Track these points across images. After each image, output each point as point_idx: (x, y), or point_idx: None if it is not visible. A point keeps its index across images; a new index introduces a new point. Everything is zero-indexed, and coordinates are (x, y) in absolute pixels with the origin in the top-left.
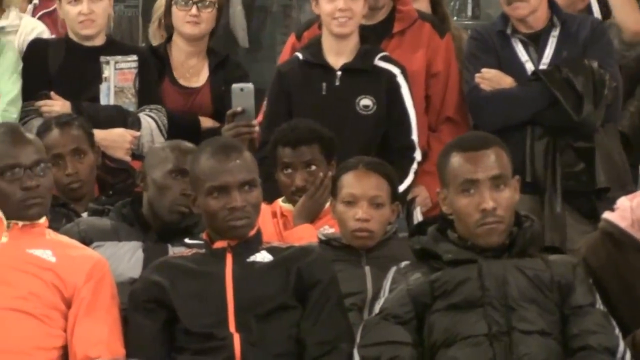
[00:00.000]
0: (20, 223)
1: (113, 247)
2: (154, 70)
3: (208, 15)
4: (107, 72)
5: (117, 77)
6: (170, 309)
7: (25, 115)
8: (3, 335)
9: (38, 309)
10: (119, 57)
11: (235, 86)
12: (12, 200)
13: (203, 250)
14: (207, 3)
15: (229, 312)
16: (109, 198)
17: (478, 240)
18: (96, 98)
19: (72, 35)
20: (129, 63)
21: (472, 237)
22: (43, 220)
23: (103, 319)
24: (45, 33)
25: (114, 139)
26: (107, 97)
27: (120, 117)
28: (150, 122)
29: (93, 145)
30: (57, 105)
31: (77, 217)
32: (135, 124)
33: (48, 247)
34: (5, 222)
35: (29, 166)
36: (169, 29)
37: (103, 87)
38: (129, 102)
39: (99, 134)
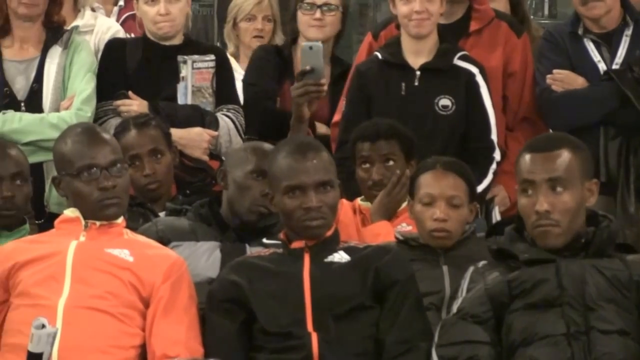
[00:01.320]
0: (98, 223)
1: (191, 247)
2: (232, 69)
3: (332, 19)
4: (185, 71)
5: (195, 77)
6: (248, 309)
7: (104, 114)
8: (81, 334)
9: (116, 308)
10: (196, 57)
11: (305, 44)
12: (89, 201)
13: (281, 250)
14: (332, 7)
15: (306, 311)
16: (187, 198)
17: (537, 241)
18: (174, 97)
19: (149, 35)
20: (207, 62)
21: (534, 237)
22: (121, 220)
23: (181, 318)
24: (121, 33)
25: (192, 138)
26: (184, 96)
27: (197, 117)
28: (227, 122)
29: (170, 145)
30: (134, 104)
31: (155, 216)
32: (213, 124)
33: (126, 247)
34: (83, 221)
35: (106, 166)
36: (293, 32)
37: (180, 86)
38: (206, 102)
39: (176, 133)
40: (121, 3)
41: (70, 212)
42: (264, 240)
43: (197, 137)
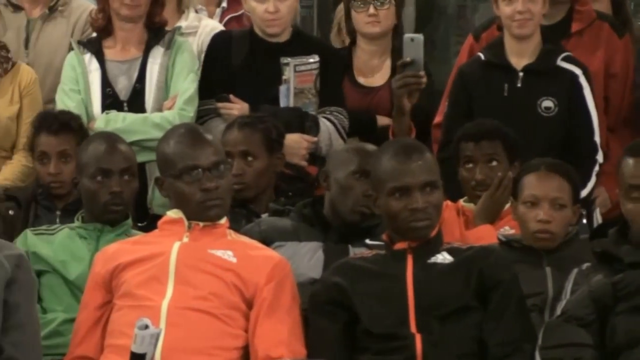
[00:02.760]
0: (201, 224)
1: (294, 248)
2: (339, 70)
3: (386, 13)
4: (287, 73)
5: (297, 79)
6: (351, 310)
7: (205, 113)
8: (184, 335)
9: (219, 309)
10: (298, 60)
11: (406, 36)
12: (192, 202)
13: (383, 252)
14: (384, 0)
15: (410, 312)
16: (289, 199)
17: None
18: (276, 98)
19: (257, 30)
20: (309, 65)
21: None
22: (224, 220)
23: (284, 319)
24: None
25: (290, 145)
26: (286, 98)
27: (298, 121)
28: (329, 125)
29: (272, 151)
30: (235, 108)
31: (257, 217)
32: (313, 128)
33: (229, 248)
34: (186, 222)
35: (208, 167)
36: (351, 33)
37: (282, 88)
38: (309, 103)
39: None
40: (224, 4)
41: (174, 214)
42: (367, 241)
43: (295, 144)
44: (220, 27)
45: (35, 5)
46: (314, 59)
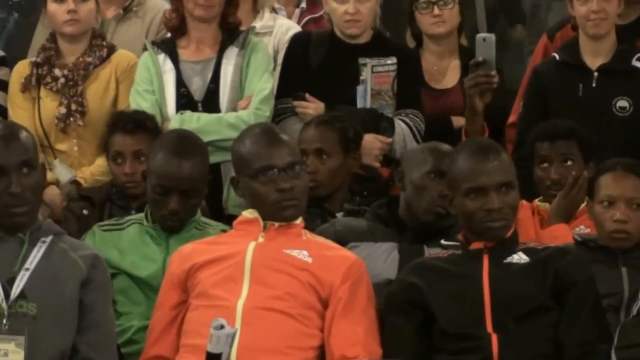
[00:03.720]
0: (277, 224)
1: (369, 248)
2: (417, 72)
3: (450, 12)
4: (365, 74)
5: (374, 80)
6: (426, 310)
7: (282, 112)
8: (260, 335)
9: (294, 309)
10: (375, 61)
11: (479, 36)
12: (267, 202)
13: (459, 252)
14: (447, 0)
15: (486, 312)
16: (364, 199)
17: None
18: (353, 98)
19: (337, 32)
20: (387, 66)
21: None
22: (299, 220)
23: (360, 319)
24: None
25: (364, 146)
26: (363, 99)
27: (373, 122)
28: (404, 127)
29: (348, 151)
30: (311, 107)
31: (332, 217)
32: (388, 130)
33: (304, 248)
34: (261, 222)
35: (284, 168)
36: (416, 36)
37: (360, 89)
38: (385, 104)
39: None
40: (303, 5)
41: (249, 214)
42: (442, 242)
43: (369, 145)
44: (296, 27)
45: (110, 5)
46: (392, 60)
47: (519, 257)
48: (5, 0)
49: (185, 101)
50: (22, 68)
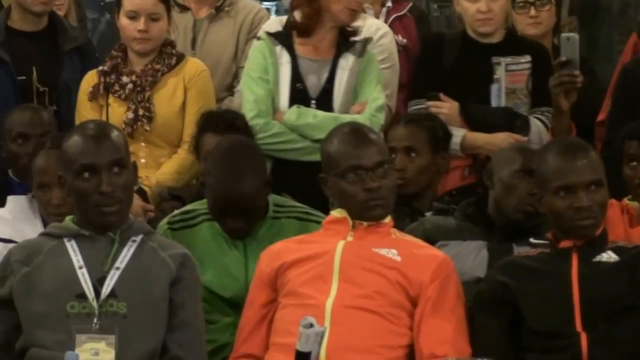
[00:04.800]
0: (366, 223)
1: (458, 246)
2: (550, 70)
3: (547, 14)
4: (499, 73)
5: (508, 79)
6: (515, 309)
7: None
8: (349, 334)
9: (384, 308)
10: (509, 59)
11: (563, 35)
12: (355, 201)
13: (548, 250)
14: (544, 1)
15: (575, 311)
16: (453, 197)
17: None
18: (487, 98)
19: (469, 31)
20: (521, 64)
21: None
22: (388, 219)
23: (449, 318)
24: (390, 34)
25: (499, 144)
26: (497, 98)
27: (507, 121)
28: (539, 125)
29: (436, 149)
30: (445, 106)
31: (421, 216)
32: (524, 128)
33: (393, 246)
34: (350, 221)
35: (371, 167)
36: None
37: (494, 87)
38: (520, 103)
39: (482, 137)
40: (389, 4)
41: (338, 213)
42: (531, 240)
43: (504, 143)
44: (384, 27)
45: (202, 5)
46: (526, 59)
47: (609, 256)
48: (97, 1)
49: (299, 96)
50: (90, 78)
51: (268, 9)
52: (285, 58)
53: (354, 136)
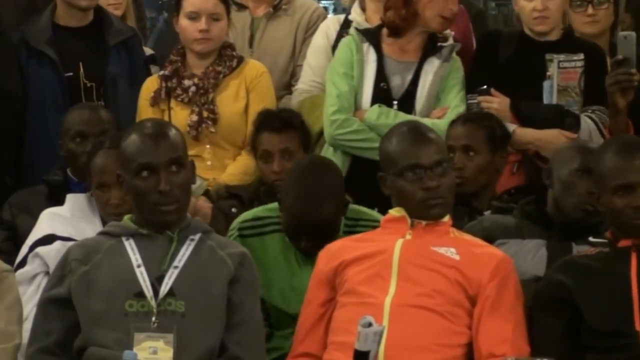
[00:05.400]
0: (424, 222)
1: (517, 245)
2: (604, 70)
3: (605, 12)
4: (551, 70)
5: (561, 76)
6: (574, 308)
7: (468, 108)
8: (408, 332)
9: (442, 307)
10: (562, 56)
11: (620, 34)
12: (414, 200)
13: (607, 249)
14: (602, 0)
15: (634, 310)
16: (512, 196)
17: None
18: (539, 95)
19: (526, 30)
20: (574, 62)
21: None
22: (447, 218)
23: (508, 317)
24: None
25: (548, 140)
26: (549, 95)
27: (558, 118)
28: (589, 123)
29: (495, 148)
30: (495, 102)
31: (479, 215)
32: (574, 125)
33: (452, 245)
34: (409, 220)
35: (430, 166)
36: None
37: (546, 84)
38: (572, 101)
39: (533, 134)
40: None
41: (396, 212)
42: (590, 239)
43: (553, 139)
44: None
45: (260, 4)
46: (579, 56)
47: None
48: (154, 0)
49: (382, 95)
50: (150, 84)
51: (326, 8)
52: (371, 56)
53: (412, 135)
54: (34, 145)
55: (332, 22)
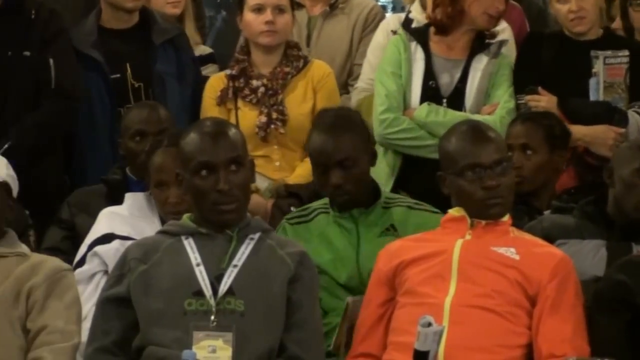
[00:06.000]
0: (484, 221)
1: (576, 245)
2: None
3: None
4: (597, 67)
5: (607, 72)
6: (635, 308)
7: (517, 108)
8: (468, 333)
9: (502, 307)
10: (609, 52)
11: None
12: (473, 200)
13: None
14: None
15: None
16: (572, 196)
17: None
18: (585, 93)
19: (565, 30)
20: (619, 58)
21: None
22: (506, 218)
23: (567, 317)
24: (508, 30)
25: (597, 136)
26: (595, 92)
27: (606, 114)
28: (638, 119)
29: (553, 147)
30: (543, 100)
31: (539, 214)
32: (622, 121)
33: (512, 245)
34: (468, 220)
35: (490, 165)
36: (628, 30)
37: (592, 81)
38: (618, 98)
39: (581, 130)
40: None
41: (456, 211)
42: None
43: (602, 135)
44: (503, 23)
45: (316, 2)
46: (624, 52)
47: None
48: None
49: (431, 94)
50: (215, 82)
51: (384, 7)
52: (419, 55)
53: (472, 134)
54: (82, 147)
55: (392, 20)
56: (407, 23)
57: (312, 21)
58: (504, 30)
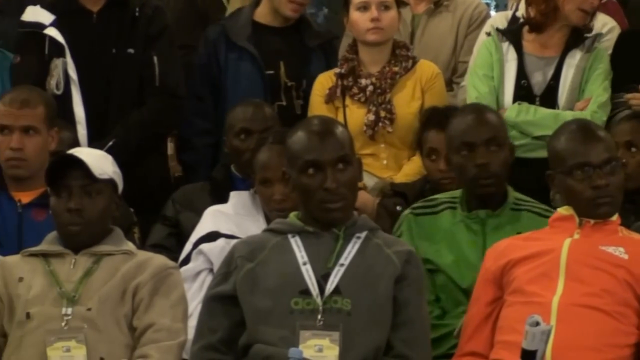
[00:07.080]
0: (592, 220)
1: None
2: None
3: None
4: None
5: None
6: None
7: (615, 107)
8: (576, 332)
9: (610, 306)
10: None
11: None
12: (582, 199)
13: None
14: None
15: None
16: None
17: None
18: None
19: None
20: None
21: None
22: (615, 217)
23: None
24: (617, 29)
25: None
26: None
27: None
28: None
29: None
30: None
31: None
32: None
33: (620, 244)
34: (577, 219)
35: (599, 165)
36: None
37: None
38: None
39: None
40: None
41: (565, 210)
42: None
43: None
44: (612, 22)
45: (421, 1)
46: None
47: None
48: None
49: (523, 93)
50: (324, 80)
51: (487, 4)
52: (511, 55)
53: (581, 133)
54: None
55: (499, 18)
56: (513, 21)
57: (415, 19)
58: (612, 29)
